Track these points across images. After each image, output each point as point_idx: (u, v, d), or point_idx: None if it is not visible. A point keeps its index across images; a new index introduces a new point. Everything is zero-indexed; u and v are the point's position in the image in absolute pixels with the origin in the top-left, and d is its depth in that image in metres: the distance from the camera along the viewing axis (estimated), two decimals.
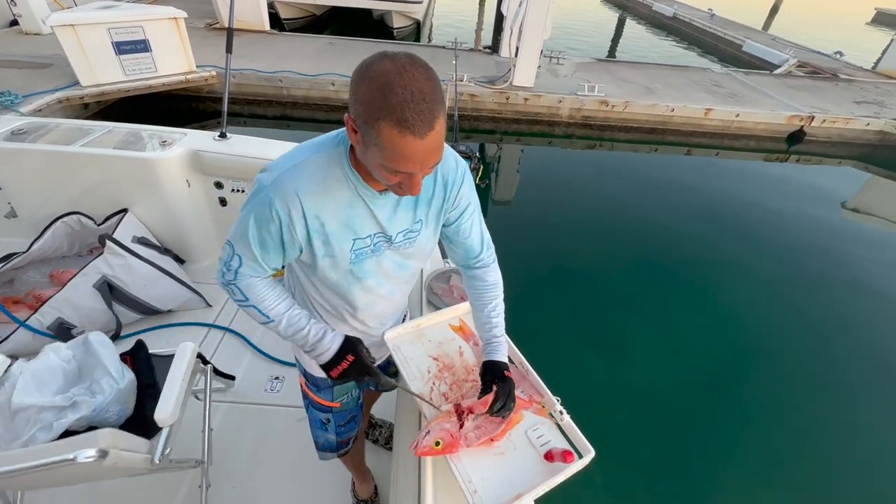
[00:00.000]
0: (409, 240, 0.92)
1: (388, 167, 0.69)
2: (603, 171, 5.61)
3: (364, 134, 0.68)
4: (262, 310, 0.91)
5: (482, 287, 1.04)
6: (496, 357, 1.00)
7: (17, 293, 2.09)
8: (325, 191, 0.79)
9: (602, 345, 2.99)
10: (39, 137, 2.20)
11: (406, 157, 0.67)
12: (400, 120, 0.63)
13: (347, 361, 0.92)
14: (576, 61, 8.00)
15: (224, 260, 0.88)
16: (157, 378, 1.37)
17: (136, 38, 4.77)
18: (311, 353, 0.94)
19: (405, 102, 0.63)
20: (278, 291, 0.93)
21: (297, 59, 6.44)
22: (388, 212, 0.86)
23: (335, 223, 0.82)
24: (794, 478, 2.32)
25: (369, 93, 0.64)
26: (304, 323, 0.92)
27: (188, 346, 1.37)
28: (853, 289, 3.78)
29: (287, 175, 0.78)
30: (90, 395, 1.20)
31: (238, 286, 0.89)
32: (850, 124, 6.45)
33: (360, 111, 0.66)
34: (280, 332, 0.93)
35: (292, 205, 0.78)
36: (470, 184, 0.95)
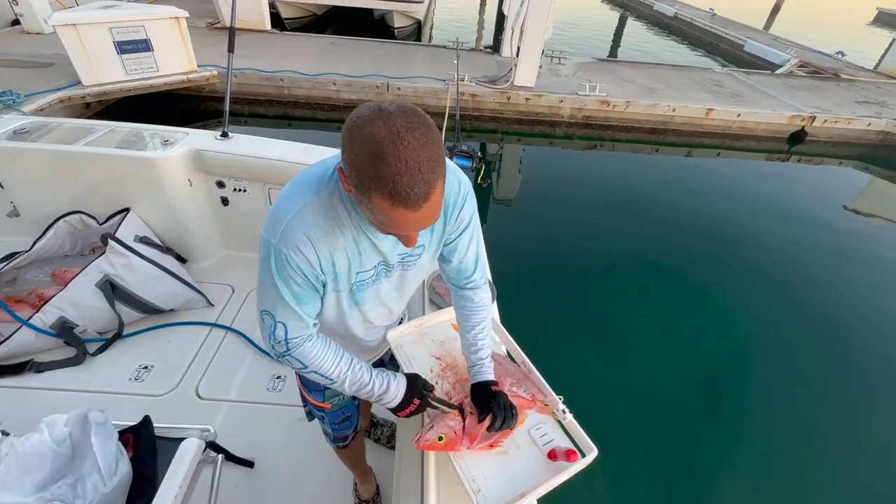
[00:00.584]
0: (408, 263, 0.92)
1: (382, 228, 0.70)
2: (604, 171, 5.61)
3: (356, 194, 0.66)
4: (323, 374, 0.89)
5: (471, 308, 1.02)
6: (483, 378, 0.99)
7: (19, 292, 2.09)
8: (332, 233, 0.77)
9: (604, 344, 2.99)
10: (41, 137, 2.21)
11: (398, 226, 0.66)
12: (392, 193, 0.60)
13: (414, 405, 0.93)
14: (577, 61, 8.00)
15: (268, 332, 0.84)
16: (157, 470, 1.17)
17: (138, 38, 4.78)
18: (379, 402, 0.94)
19: (398, 175, 0.59)
20: (333, 350, 0.90)
21: (299, 59, 6.44)
22: (390, 242, 0.85)
23: (344, 262, 0.82)
24: (794, 474, 2.32)
25: (360, 160, 0.61)
26: (368, 379, 0.91)
27: (192, 444, 1.20)
28: (854, 288, 3.78)
29: (292, 225, 0.75)
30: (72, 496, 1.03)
31: (294, 356, 0.86)
32: (851, 124, 6.45)
33: (351, 174, 0.64)
34: (345, 389, 0.92)
35: (307, 250, 0.76)
36: (471, 204, 0.91)
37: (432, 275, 1.52)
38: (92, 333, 2.04)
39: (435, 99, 5.88)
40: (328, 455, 1.55)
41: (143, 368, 1.97)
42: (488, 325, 1.04)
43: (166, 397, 1.87)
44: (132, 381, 1.92)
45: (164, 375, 1.95)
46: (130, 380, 1.92)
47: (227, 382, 1.95)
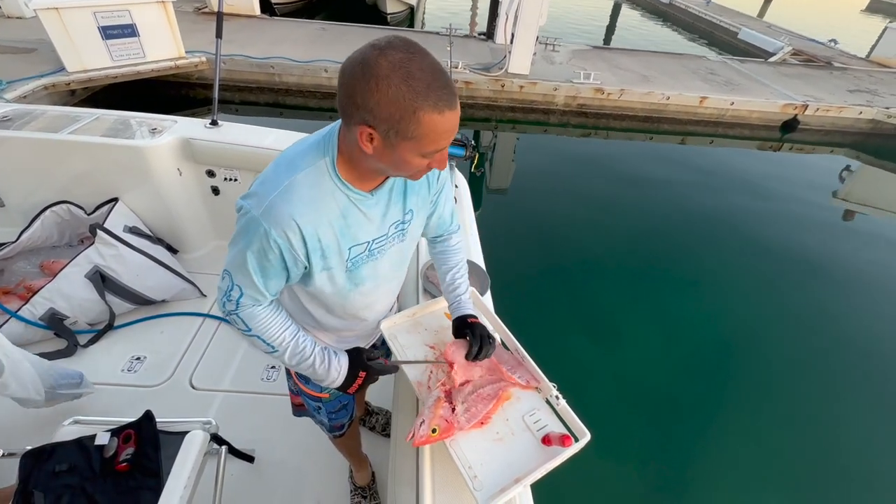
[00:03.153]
0: (400, 231, 0.91)
1: (427, 152, 0.69)
2: (598, 160, 5.60)
3: (395, 135, 0.66)
4: (265, 339, 0.88)
5: (449, 251, 1.10)
6: (461, 312, 1.06)
7: (7, 284, 2.06)
8: (318, 209, 0.77)
9: (596, 331, 3.02)
10: (25, 125, 2.15)
11: (448, 132, 0.68)
12: (437, 101, 0.63)
13: (361, 378, 0.94)
14: (571, 48, 7.93)
15: (224, 290, 0.84)
16: (161, 463, 1.18)
17: (123, 23, 4.66)
18: (321, 382, 0.94)
19: (431, 83, 0.63)
20: (281, 320, 0.90)
21: (289, 45, 6.33)
22: (381, 211, 0.85)
23: (331, 236, 0.80)
24: (784, 459, 2.37)
25: (393, 90, 0.62)
26: (310, 351, 0.91)
27: (197, 436, 1.20)
28: (844, 277, 3.84)
29: (278, 201, 0.74)
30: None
31: (240, 315, 0.86)
32: (843, 113, 6.48)
33: (386, 113, 0.63)
34: (284, 361, 0.91)
35: (290, 231, 0.75)
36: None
37: (426, 264, 1.52)
38: (83, 325, 2.02)
39: None
40: (324, 443, 1.56)
41: (136, 359, 1.96)
42: (464, 265, 1.12)
43: (160, 388, 1.87)
44: (125, 373, 1.91)
45: (158, 366, 1.94)
46: (123, 371, 1.91)
47: (221, 373, 1.95)
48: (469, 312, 1.06)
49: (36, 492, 1.13)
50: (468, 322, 1.03)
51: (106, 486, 1.16)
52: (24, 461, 1.18)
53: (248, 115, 5.76)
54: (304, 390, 1.18)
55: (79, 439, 1.23)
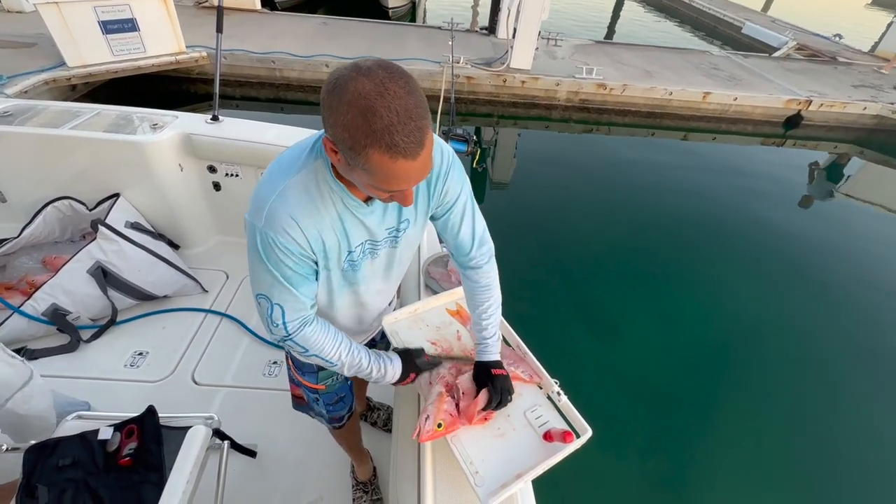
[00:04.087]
0: (394, 238, 0.91)
1: (379, 188, 0.67)
2: (600, 156, 5.58)
3: (349, 159, 0.64)
4: (324, 357, 0.90)
5: (474, 288, 1.01)
6: (484, 358, 1.00)
7: (9, 279, 2.06)
8: (317, 210, 0.76)
9: (598, 327, 3.02)
10: (27, 120, 2.15)
11: (399, 179, 0.65)
12: (390, 146, 0.59)
13: (411, 378, 1.00)
14: (574, 43, 7.88)
15: (266, 316, 0.83)
16: (163, 458, 1.18)
17: (123, 17, 4.64)
18: (381, 382, 0.99)
19: (393, 126, 0.59)
20: (332, 334, 0.91)
21: (290, 40, 6.30)
22: (377, 218, 0.84)
23: (333, 240, 0.80)
24: (784, 454, 2.38)
25: (350, 118, 0.59)
26: (366, 363, 0.94)
27: (199, 431, 1.20)
28: (846, 272, 3.83)
29: (275, 206, 0.74)
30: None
31: (294, 340, 0.86)
32: (847, 108, 6.43)
33: (342, 137, 0.62)
34: (344, 372, 0.95)
35: (293, 231, 0.74)
36: (458, 175, 0.89)
37: (427, 260, 1.52)
38: (85, 320, 2.02)
39: (430, 81, 5.79)
40: (326, 438, 1.56)
41: (139, 355, 1.97)
42: (494, 306, 1.01)
43: (162, 383, 1.87)
44: (127, 368, 1.91)
45: (160, 362, 1.95)
46: (126, 366, 1.92)
47: (223, 368, 1.96)
48: (493, 359, 0.99)
49: (40, 486, 1.14)
50: (492, 374, 0.97)
51: (109, 480, 1.16)
52: (27, 455, 1.18)
53: (248, 110, 5.75)
54: (303, 382, 1.18)
55: (82, 434, 1.24)
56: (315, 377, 1.16)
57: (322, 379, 1.17)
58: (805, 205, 4.88)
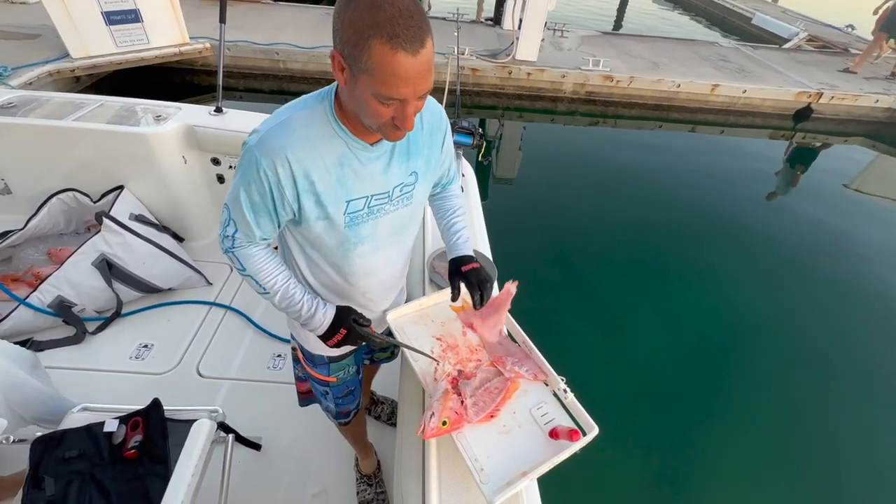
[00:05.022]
0: (405, 195, 0.90)
1: (381, 94, 0.67)
2: (606, 149, 5.52)
3: (353, 63, 0.65)
4: (258, 280, 0.91)
5: (447, 197, 1.11)
6: (459, 252, 1.06)
7: (15, 271, 2.07)
8: (312, 147, 0.77)
9: (605, 323, 3.01)
10: (30, 112, 2.15)
11: (399, 76, 0.65)
12: (391, 35, 0.61)
13: (340, 334, 0.95)
14: (580, 34, 7.78)
15: (222, 224, 0.88)
16: (169, 451, 1.19)
17: (127, 8, 4.61)
18: (305, 327, 0.96)
19: (394, 18, 0.61)
20: (275, 264, 0.93)
21: (294, 31, 6.25)
22: (381, 166, 0.84)
23: (326, 181, 0.80)
24: (790, 450, 2.37)
25: (356, 13, 0.62)
26: (299, 297, 0.93)
27: (204, 425, 1.21)
28: (855, 267, 3.78)
29: (272, 133, 0.76)
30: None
31: (236, 255, 0.90)
32: (858, 101, 6.32)
33: (347, 36, 0.64)
34: (275, 303, 0.94)
35: (279, 163, 0.76)
36: (449, 125, 0.96)
37: (432, 255, 1.50)
38: (90, 312, 2.03)
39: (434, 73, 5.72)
40: (330, 431, 1.57)
41: (144, 347, 1.98)
42: (462, 210, 1.12)
43: (167, 375, 1.88)
44: (133, 360, 1.92)
45: (165, 354, 1.96)
46: (131, 358, 1.93)
47: (227, 361, 1.96)
48: (464, 254, 1.06)
49: (47, 477, 1.15)
50: (461, 271, 1.02)
51: (115, 472, 1.17)
52: (34, 447, 1.19)
53: (252, 101, 5.72)
54: (312, 374, 1.18)
55: (88, 426, 1.25)
56: (327, 369, 1.15)
57: (334, 371, 1.16)
58: (815, 198, 4.81)
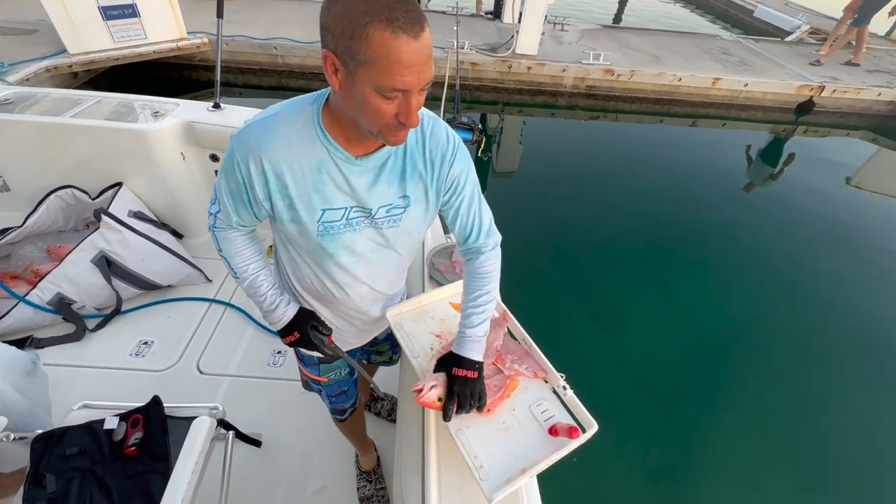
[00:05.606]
0: (392, 217, 0.84)
1: (383, 86, 0.63)
2: (607, 143, 5.50)
3: (350, 58, 0.62)
4: (231, 264, 0.95)
5: (472, 276, 0.96)
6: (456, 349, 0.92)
7: (15, 268, 2.07)
8: (290, 148, 0.75)
9: (604, 318, 3.00)
10: (28, 108, 2.14)
11: (402, 63, 0.61)
12: (390, 19, 0.59)
13: (294, 337, 0.96)
14: (581, 27, 7.72)
15: (210, 201, 0.91)
16: (169, 448, 1.19)
17: (124, 3, 4.57)
18: (267, 319, 0.98)
19: (391, 3, 0.59)
20: (252, 252, 0.95)
21: (292, 25, 6.20)
22: (366, 182, 0.79)
23: (301, 186, 0.78)
24: (790, 444, 2.37)
25: (349, 4, 0.60)
26: (264, 290, 0.96)
27: (204, 422, 1.21)
28: (857, 262, 3.78)
29: (252, 128, 0.76)
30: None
31: (215, 235, 0.92)
32: (861, 94, 6.28)
33: (341, 28, 0.61)
34: (244, 289, 0.97)
35: (252, 160, 0.76)
36: (465, 160, 0.86)
37: (432, 251, 1.50)
38: (90, 309, 2.03)
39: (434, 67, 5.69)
40: (330, 428, 1.57)
41: (144, 344, 1.98)
42: (487, 297, 0.94)
43: (167, 372, 1.88)
44: (133, 357, 1.92)
45: (165, 351, 1.96)
46: (131, 355, 1.93)
47: (227, 358, 1.96)
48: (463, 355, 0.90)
49: (47, 475, 1.15)
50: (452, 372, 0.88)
51: (115, 469, 1.17)
52: (35, 445, 1.19)
53: (251, 97, 5.69)
54: (305, 373, 1.19)
55: (88, 423, 1.25)
56: (317, 369, 1.16)
57: (324, 372, 1.17)
58: (816, 192, 4.80)
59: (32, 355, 1.52)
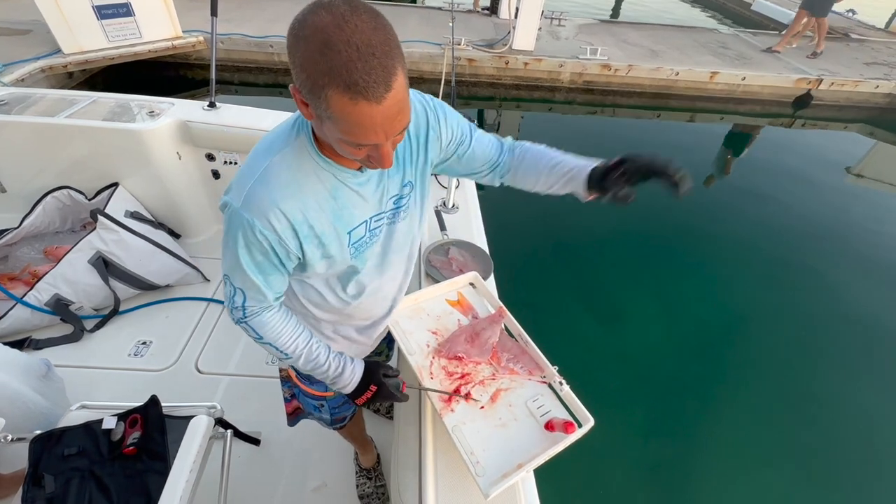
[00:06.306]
0: (401, 207, 0.85)
1: (349, 141, 0.61)
2: (604, 138, 5.49)
3: (313, 107, 0.59)
4: (278, 347, 0.84)
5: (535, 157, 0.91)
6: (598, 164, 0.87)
7: (12, 269, 2.07)
8: (301, 191, 0.70)
9: (602, 314, 3.01)
10: (23, 109, 2.13)
11: (365, 127, 0.58)
12: (349, 84, 0.53)
13: (371, 391, 0.89)
14: (578, 22, 7.69)
15: (228, 297, 0.80)
16: (168, 448, 1.20)
17: (118, 2, 4.54)
18: (333, 386, 0.90)
19: (351, 62, 0.52)
20: (293, 325, 0.86)
21: (287, 23, 6.12)
22: (374, 185, 0.78)
23: (324, 221, 0.74)
24: (789, 441, 2.38)
25: (308, 55, 0.54)
26: (324, 358, 0.87)
27: (201, 421, 1.21)
28: (855, 255, 3.78)
29: (255, 189, 0.69)
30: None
31: (249, 324, 0.82)
32: (859, 87, 6.27)
33: (302, 79, 0.57)
34: (299, 367, 0.88)
35: (274, 218, 0.69)
36: (451, 116, 0.85)
37: (428, 248, 1.50)
38: (88, 310, 2.03)
39: (430, 64, 5.68)
40: None
41: (142, 344, 1.98)
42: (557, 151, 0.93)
43: (166, 372, 1.89)
44: (131, 357, 1.93)
45: (164, 351, 1.96)
46: (129, 355, 1.93)
47: (226, 357, 1.97)
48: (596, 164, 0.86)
49: (46, 475, 1.15)
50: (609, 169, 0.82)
51: (114, 469, 1.18)
52: (33, 445, 1.20)
53: (247, 95, 5.68)
54: (308, 391, 1.15)
55: (86, 423, 1.25)
56: (324, 386, 1.12)
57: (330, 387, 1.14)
58: (814, 185, 4.79)
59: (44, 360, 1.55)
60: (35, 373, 1.49)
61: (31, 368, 1.49)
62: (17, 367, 1.44)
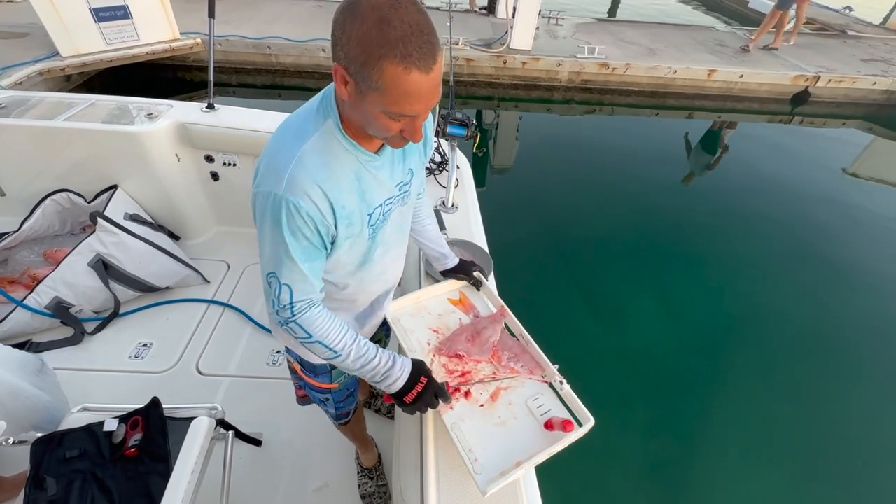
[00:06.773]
0: (404, 193, 0.92)
1: (392, 112, 0.66)
2: (603, 137, 5.49)
3: (361, 80, 0.64)
4: (327, 344, 0.84)
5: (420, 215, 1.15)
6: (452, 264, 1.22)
7: (12, 273, 2.07)
8: (335, 174, 0.75)
9: (602, 312, 3.01)
10: (22, 112, 2.13)
11: (412, 96, 0.64)
12: (404, 55, 0.60)
13: (421, 384, 0.87)
14: (575, 21, 7.70)
15: (273, 298, 0.80)
16: (169, 449, 1.19)
17: (115, 4, 4.54)
18: (381, 384, 0.88)
19: (406, 37, 0.59)
20: (338, 322, 0.86)
21: (285, 24, 6.18)
22: (387, 170, 0.84)
23: (351, 201, 0.79)
24: (790, 439, 2.38)
25: (364, 30, 0.60)
26: (374, 353, 0.87)
27: (203, 422, 1.21)
28: (854, 252, 3.78)
29: (297, 172, 0.72)
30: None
31: (298, 323, 0.82)
32: (856, 84, 6.27)
33: (355, 53, 0.62)
34: (348, 365, 0.87)
35: (316, 196, 0.73)
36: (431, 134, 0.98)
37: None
38: (88, 313, 2.03)
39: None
40: (331, 425, 1.57)
41: (143, 346, 1.98)
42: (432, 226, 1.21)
43: (167, 374, 1.89)
44: (132, 359, 1.93)
45: (164, 353, 1.96)
46: (130, 358, 1.93)
47: (226, 358, 1.97)
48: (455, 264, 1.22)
49: (48, 477, 1.15)
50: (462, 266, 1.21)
51: (116, 471, 1.18)
52: (35, 448, 1.20)
53: (245, 97, 5.67)
54: (312, 383, 1.16)
55: (88, 426, 1.25)
56: (329, 377, 1.14)
57: (336, 377, 1.15)
58: (812, 182, 4.80)
59: (37, 356, 1.54)
60: (31, 368, 1.48)
61: (27, 364, 1.48)
62: (13, 363, 1.44)
